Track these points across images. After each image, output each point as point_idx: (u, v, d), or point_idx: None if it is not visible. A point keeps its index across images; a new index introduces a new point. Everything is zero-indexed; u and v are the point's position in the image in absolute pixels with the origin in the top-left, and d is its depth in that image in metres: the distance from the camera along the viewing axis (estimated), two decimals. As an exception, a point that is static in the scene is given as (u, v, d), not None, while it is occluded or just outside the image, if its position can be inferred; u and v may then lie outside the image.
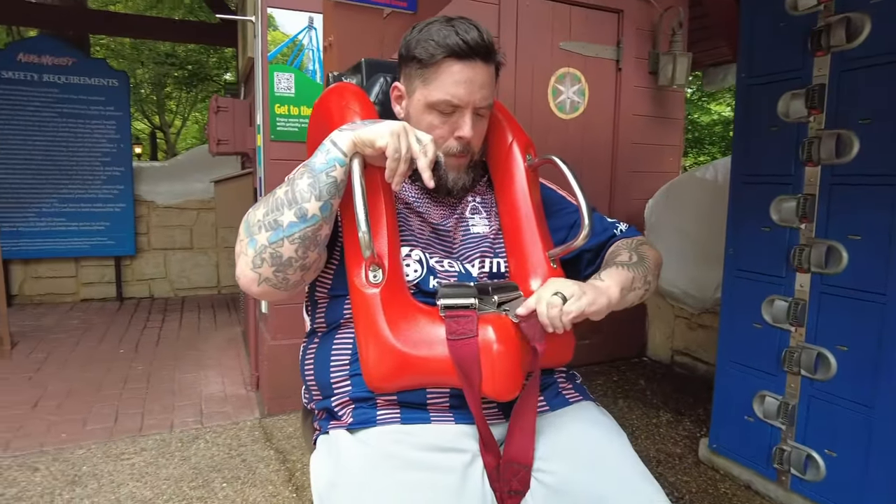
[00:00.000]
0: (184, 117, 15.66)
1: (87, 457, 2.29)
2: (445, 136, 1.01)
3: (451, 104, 0.98)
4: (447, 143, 1.01)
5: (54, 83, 4.74)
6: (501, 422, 0.97)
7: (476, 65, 0.98)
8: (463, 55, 0.97)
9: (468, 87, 0.98)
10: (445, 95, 0.98)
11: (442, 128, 1.01)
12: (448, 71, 0.98)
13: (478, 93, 0.99)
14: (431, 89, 0.99)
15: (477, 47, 0.97)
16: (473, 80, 0.98)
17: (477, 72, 0.98)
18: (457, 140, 1.01)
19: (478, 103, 0.99)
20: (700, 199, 3.10)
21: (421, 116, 1.02)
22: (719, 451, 2.22)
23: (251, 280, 0.91)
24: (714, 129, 11.23)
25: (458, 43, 0.96)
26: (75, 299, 5.00)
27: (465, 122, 0.99)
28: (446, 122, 1.00)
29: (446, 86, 0.98)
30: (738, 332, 2.11)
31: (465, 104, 0.98)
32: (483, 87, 0.99)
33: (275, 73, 2.53)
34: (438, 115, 1.00)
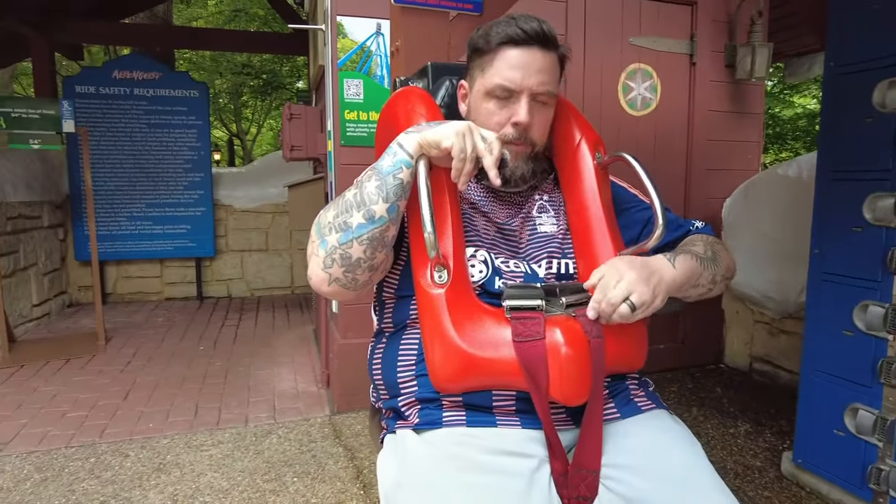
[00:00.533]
0: (259, 124, 16.37)
1: (171, 446, 2.43)
2: (502, 123, 1.01)
3: (507, 88, 0.98)
4: (504, 130, 1.00)
5: (143, 96, 5.07)
6: (570, 427, 0.95)
7: (533, 50, 0.98)
8: (520, 41, 0.98)
9: (524, 71, 0.97)
10: (500, 80, 0.98)
11: (499, 114, 1.01)
12: (504, 56, 0.99)
13: (534, 77, 0.98)
14: (488, 76, 1.00)
15: (534, 34, 0.97)
16: (530, 64, 0.98)
17: (534, 57, 0.98)
18: (513, 126, 1.00)
19: (534, 88, 0.98)
20: (782, 197, 2.93)
21: (480, 106, 1.03)
22: (805, 466, 2.08)
23: (322, 280, 0.94)
24: (798, 124, 10.57)
25: (515, 31, 0.97)
26: (160, 298, 5.33)
27: (522, 107, 0.98)
28: (503, 107, 1.00)
29: (501, 70, 0.98)
30: (825, 339, 1.97)
31: (520, 88, 0.98)
32: (540, 72, 0.98)
33: (344, 79, 2.60)
34: (495, 101, 1.00)
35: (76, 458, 2.32)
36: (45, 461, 2.30)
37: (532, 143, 1.03)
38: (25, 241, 4.21)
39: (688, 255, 0.98)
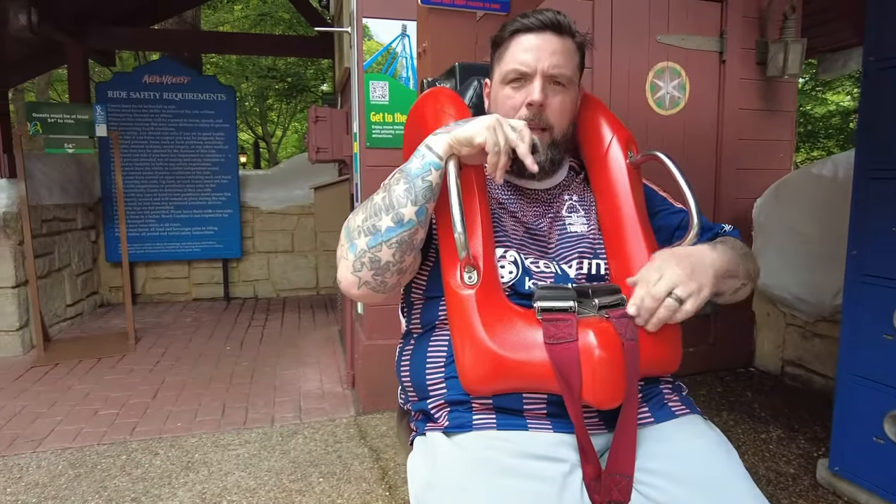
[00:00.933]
0: (284, 127, 16.57)
1: (199, 445, 2.46)
2: (517, 106, 1.02)
3: (520, 71, 1.01)
4: (519, 113, 1.02)
5: (172, 100, 5.17)
6: (602, 432, 0.93)
7: (545, 35, 1.00)
8: (532, 28, 1.00)
9: (536, 53, 0.99)
10: (514, 64, 1.01)
11: (514, 97, 1.03)
12: (516, 42, 1.02)
13: (547, 59, 0.99)
14: (503, 64, 1.04)
15: (547, 21, 1.00)
16: (542, 47, 0.99)
17: (546, 41, 1.00)
18: (527, 107, 1.01)
19: (547, 70, 0.99)
20: (816, 197, 2.85)
21: (498, 93, 1.05)
22: (842, 474, 2.02)
23: (352, 283, 0.94)
24: (830, 122, 10.31)
25: (528, 20, 1.00)
26: (188, 299, 5.42)
27: (535, 87, 0.99)
28: (518, 91, 1.02)
29: (515, 55, 1.01)
30: (864, 343, 1.91)
31: (532, 70, 1.00)
32: (554, 55, 0.99)
33: (370, 81, 2.61)
34: (511, 86, 1.03)
35: (108, 456, 2.37)
36: (79, 458, 2.35)
37: (550, 127, 1.03)
38: (60, 243, 4.32)
39: (726, 244, 0.98)
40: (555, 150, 1.04)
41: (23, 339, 3.70)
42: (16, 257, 3.63)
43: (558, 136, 1.04)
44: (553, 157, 1.04)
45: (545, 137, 1.03)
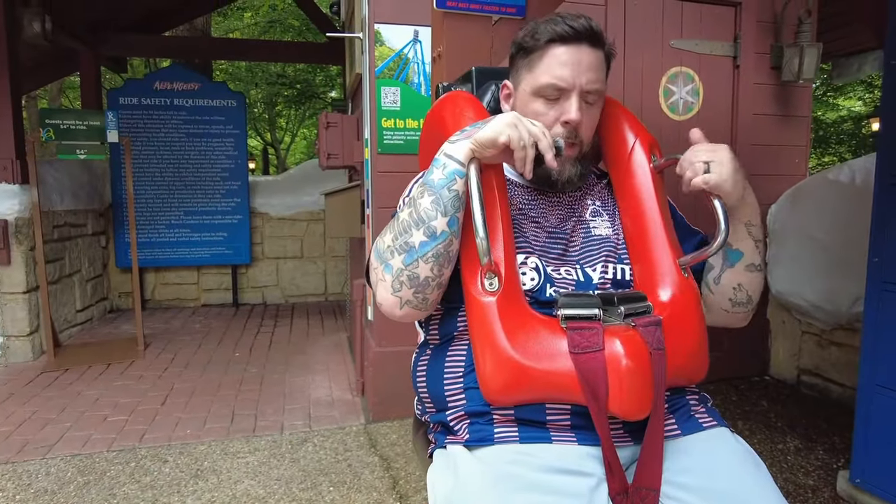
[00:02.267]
0: (293, 133, 16.65)
1: (208, 453, 2.44)
2: (551, 123, 0.98)
3: (557, 87, 0.96)
4: (553, 130, 0.97)
5: (183, 106, 5.19)
6: (628, 444, 0.91)
7: (582, 48, 0.96)
8: (568, 39, 0.95)
9: (574, 68, 0.95)
10: (551, 79, 0.96)
11: (547, 114, 0.98)
12: (553, 54, 0.96)
13: (584, 75, 0.95)
14: (537, 74, 0.98)
15: (583, 31, 0.95)
16: (580, 62, 0.95)
17: (583, 55, 0.95)
18: (563, 126, 0.97)
19: (584, 86, 0.96)
20: (833, 203, 2.81)
21: (527, 105, 1.00)
22: (864, 486, 1.97)
23: (393, 304, 0.92)
24: (842, 127, 10.24)
25: (564, 28, 0.95)
26: (197, 304, 5.42)
27: (572, 105, 0.96)
28: (552, 107, 0.98)
29: (552, 68, 0.96)
30: (886, 351, 1.86)
31: (570, 86, 0.96)
32: (590, 70, 0.96)
33: (381, 87, 2.60)
34: (544, 101, 0.98)
35: (117, 463, 2.35)
36: (88, 465, 2.33)
37: (580, 143, 1.00)
38: (70, 249, 4.34)
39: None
40: (584, 163, 1.02)
41: (33, 345, 3.71)
42: (27, 263, 3.64)
43: (587, 150, 1.02)
44: (582, 170, 1.02)
45: (574, 152, 1.00)
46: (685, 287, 0.93)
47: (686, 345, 0.89)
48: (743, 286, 1.00)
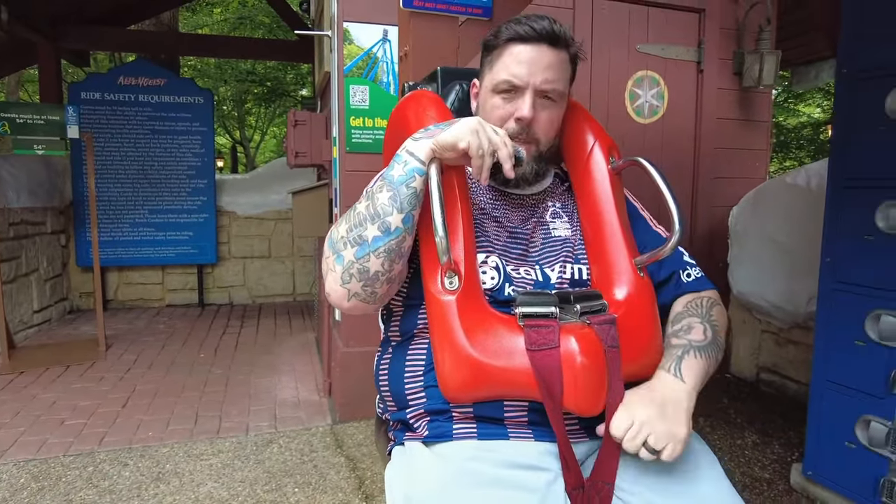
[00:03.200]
0: (262, 132, 16.40)
1: (171, 455, 2.40)
2: (505, 118, 1.00)
3: (512, 83, 0.98)
4: (507, 125, 0.99)
5: (148, 102, 5.08)
6: (583, 440, 0.92)
7: (541, 48, 0.97)
8: (528, 38, 0.97)
9: (529, 66, 0.97)
10: (507, 76, 0.98)
11: (503, 108, 1.00)
12: (511, 52, 0.99)
13: (540, 74, 0.97)
14: (496, 71, 1.00)
15: (543, 32, 0.97)
16: (536, 61, 0.97)
17: (541, 54, 0.97)
18: (516, 122, 0.99)
19: (539, 85, 0.97)
20: (791, 205, 2.90)
21: (487, 101, 1.03)
22: (815, 478, 2.04)
23: (341, 296, 0.92)
24: (802, 133, 10.56)
25: (524, 28, 0.97)
26: (161, 305, 5.31)
27: (525, 102, 0.97)
28: (508, 102, 1.00)
29: (509, 66, 0.98)
30: (836, 349, 1.93)
31: (524, 84, 0.97)
32: (547, 70, 0.97)
33: (350, 85, 2.58)
34: (501, 97, 1.00)
35: (74, 467, 2.29)
36: (43, 470, 2.26)
37: (535, 141, 1.01)
38: (27, 247, 4.20)
39: (690, 354, 0.93)
40: (540, 162, 1.03)
41: (-13, 346, 3.58)
42: (-19, 261, 3.52)
43: (544, 149, 1.03)
44: (538, 169, 1.03)
45: (530, 150, 1.01)
46: (640, 286, 0.95)
47: (640, 342, 0.91)
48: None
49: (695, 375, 0.90)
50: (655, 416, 0.83)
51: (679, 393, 0.88)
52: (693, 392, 0.89)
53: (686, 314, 1.00)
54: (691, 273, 1.06)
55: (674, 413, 0.84)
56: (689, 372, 0.90)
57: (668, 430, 0.83)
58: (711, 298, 1.03)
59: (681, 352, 0.93)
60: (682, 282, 1.05)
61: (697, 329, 0.96)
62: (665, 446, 0.82)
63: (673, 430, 0.83)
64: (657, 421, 0.83)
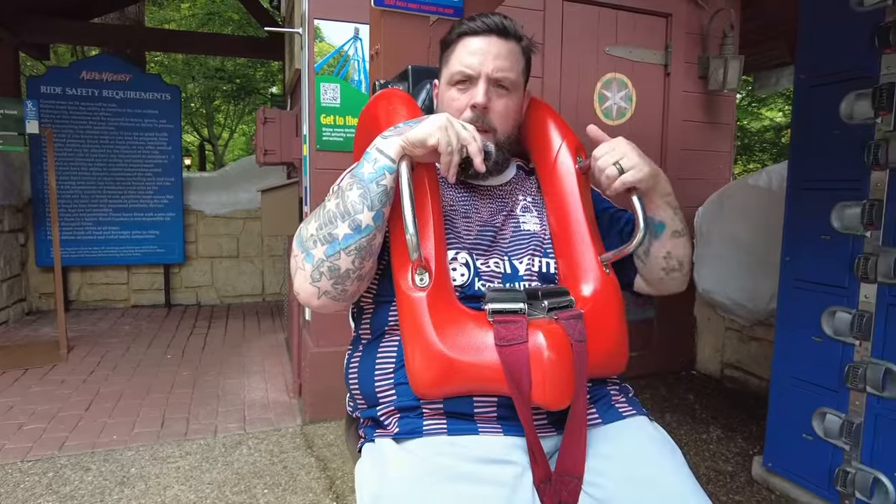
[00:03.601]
0: (231, 130, 16.13)
1: (136, 459, 2.34)
2: (462, 108, 1.03)
3: (465, 74, 1.02)
4: (464, 115, 1.02)
5: (112, 98, 4.95)
6: (551, 434, 0.94)
7: (490, 38, 1.02)
8: (478, 31, 1.02)
9: (480, 56, 1.01)
10: (460, 66, 1.02)
11: (459, 99, 1.03)
12: (462, 45, 1.03)
13: (491, 63, 1.00)
14: (450, 65, 1.05)
15: (492, 25, 1.01)
16: (487, 50, 1.01)
17: (491, 44, 1.01)
18: (471, 109, 1.02)
19: (491, 73, 1.01)
20: (753, 206, 2.98)
21: (445, 94, 1.06)
22: (775, 470, 2.11)
23: (311, 294, 0.92)
24: (765, 136, 10.87)
25: (475, 23, 1.02)
26: (126, 305, 5.18)
27: (479, 90, 1.01)
28: (464, 93, 1.03)
29: (461, 58, 1.02)
30: (795, 345, 2.00)
31: (476, 73, 1.01)
32: (498, 58, 1.01)
33: (321, 83, 2.57)
34: (457, 88, 1.04)
35: (33, 473, 2.22)
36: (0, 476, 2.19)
37: (493, 129, 1.04)
38: (-16, 246, 4.06)
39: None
40: (498, 151, 1.05)
41: (-60, 349, 3.45)
42: (-67, 261, 3.38)
43: (502, 139, 1.06)
44: (497, 158, 1.05)
45: (488, 138, 1.03)
46: (606, 283, 0.97)
47: (606, 338, 0.93)
48: (671, 253, 1.04)
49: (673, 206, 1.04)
50: (632, 150, 0.96)
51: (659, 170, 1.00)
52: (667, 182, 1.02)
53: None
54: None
55: (647, 158, 0.97)
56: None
57: (639, 162, 0.95)
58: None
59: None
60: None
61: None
62: (631, 168, 0.94)
63: (643, 164, 0.95)
64: (632, 153, 0.95)
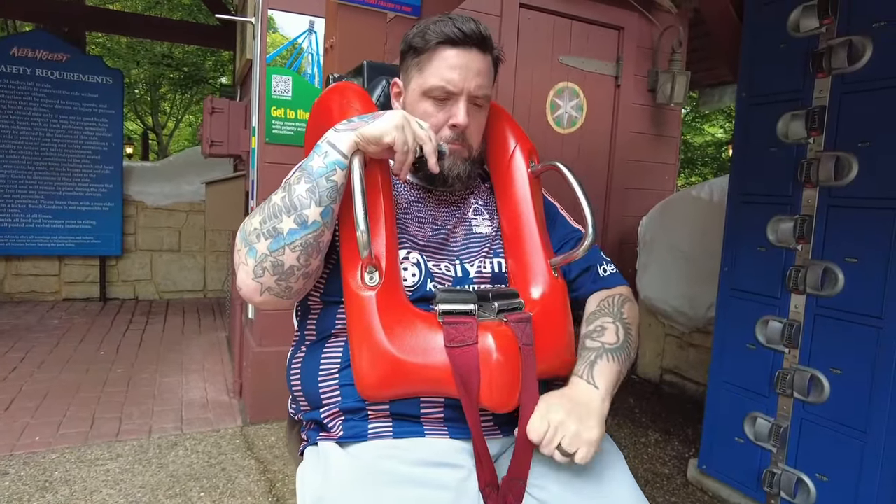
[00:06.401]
0: (177, 119, 15.56)
1: (60, 462, 2.22)
2: (440, 125, 0.99)
3: (446, 90, 0.97)
4: (442, 132, 0.99)
5: (47, 78, 4.69)
6: (498, 437, 0.94)
7: (472, 52, 0.97)
8: (458, 42, 0.96)
9: (463, 72, 0.96)
10: (440, 81, 0.97)
11: (437, 115, 0.99)
12: (442, 56, 0.97)
13: (473, 80, 0.97)
14: (426, 76, 0.98)
15: (473, 35, 0.96)
16: (469, 66, 0.97)
17: (472, 59, 0.97)
18: (451, 129, 0.99)
19: (473, 91, 0.97)
20: (695, 217, 3.10)
21: (417, 105, 1.00)
22: (708, 472, 2.19)
23: (253, 290, 0.88)
24: (707, 150, 11.34)
25: (453, 31, 0.96)
26: (57, 298, 4.91)
27: (460, 109, 0.97)
28: (441, 109, 0.99)
29: (441, 71, 0.97)
30: (730, 352, 2.09)
31: (459, 90, 0.97)
32: (479, 75, 0.97)
33: (273, 75, 2.50)
34: (433, 102, 0.99)
35: (-55, 475, 2.07)
36: None
37: (469, 146, 1.01)
38: None
39: (603, 359, 0.94)
40: (472, 165, 1.04)
41: None
42: None
43: (475, 154, 1.04)
44: (470, 171, 1.03)
45: (464, 153, 1.01)
46: (555, 286, 0.98)
47: (554, 340, 0.94)
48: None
49: (607, 380, 0.92)
50: (570, 420, 0.84)
51: (593, 399, 0.89)
52: (607, 396, 0.91)
53: (600, 314, 1.02)
54: (607, 269, 1.10)
55: (587, 417, 0.86)
56: (601, 378, 0.92)
57: (582, 434, 0.84)
58: (623, 295, 1.07)
59: (594, 356, 0.95)
60: (598, 276, 1.09)
61: (610, 330, 0.99)
62: (578, 449, 0.83)
63: (586, 435, 0.84)
64: (571, 425, 0.84)
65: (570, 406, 0.86)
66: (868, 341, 1.65)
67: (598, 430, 0.85)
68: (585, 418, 0.85)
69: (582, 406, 0.87)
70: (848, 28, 1.72)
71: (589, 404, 0.88)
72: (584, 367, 0.93)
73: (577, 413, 0.85)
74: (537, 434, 0.84)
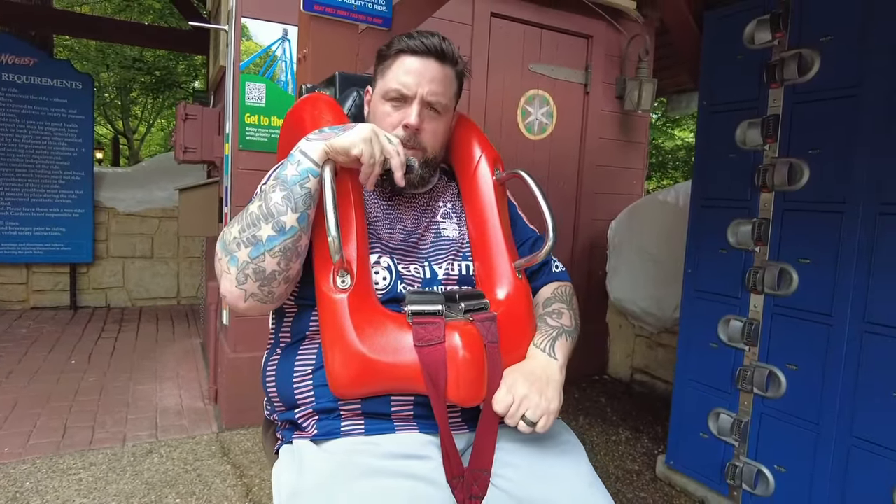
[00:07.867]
0: (149, 124, 15.32)
1: (31, 472, 2.19)
2: (395, 125, 1.05)
3: (400, 93, 1.04)
4: (395, 132, 1.05)
5: (13, 83, 4.60)
6: (464, 431, 0.98)
7: (429, 61, 1.04)
8: (417, 52, 1.04)
9: (417, 77, 1.03)
10: (396, 84, 1.04)
11: (392, 116, 1.06)
12: (400, 63, 1.05)
13: (426, 85, 1.03)
14: (387, 80, 1.06)
15: (431, 47, 1.04)
16: (423, 73, 1.04)
17: (428, 67, 1.04)
18: (404, 129, 1.04)
19: (426, 96, 1.04)
20: (661, 220, 3.19)
21: (377, 107, 1.08)
22: (675, 467, 2.27)
23: (237, 297, 0.92)
24: (677, 154, 11.57)
25: (414, 42, 1.04)
26: (25, 307, 4.81)
27: (413, 110, 1.04)
28: (397, 111, 1.06)
29: (398, 76, 1.04)
30: (695, 350, 2.17)
31: (412, 94, 1.03)
32: (433, 82, 1.04)
33: (246, 82, 2.52)
34: (391, 104, 1.06)
35: (-89, 488, 2.03)
36: None
37: (423, 149, 1.07)
38: None
39: (562, 337, 1.05)
40: (426, 168, 1.09)
41: None
42: None
43: (430, 157, 1.09)
44: (423, 174, 1.09)
45: (418, 155, 1.07)
46: (518, 287, 1.04)
47: (518, 339, 0.99)
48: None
49: (563, 355, 1.03)
50: (532, 393, 0.93)
51: (553, 370, 0.99)
52: (563, 368, 1.01)
53: (555, 300, 1.13)
54: (559, 266, 1.22)
55: (547, 388, 0.95)
56: (560, 351, 1.02)
57: (542, 405, 0.92)
58: (572, 288, 1.20)
59: (555, 333, 1.05)
60: (552, 271, 1.20)
61: (567, 315, 1.10)
62: (540, 418, 0.92)
63: (546, 405, 0.93)
64: (534, 397, 0.92)
65: (532, 380, 0.95)
66: (820, 338, 1.74)
67: (557, 401, 0.96)
68: (546, 390, 0.95)
69: (542, 379, 0.96)
70: (798, 41, 1.81)
71: (549, 375, 0.97)
72: (545, 342, 1.03)
73: (538, 387, 0.94)
74: (503, 406, 0.92)
